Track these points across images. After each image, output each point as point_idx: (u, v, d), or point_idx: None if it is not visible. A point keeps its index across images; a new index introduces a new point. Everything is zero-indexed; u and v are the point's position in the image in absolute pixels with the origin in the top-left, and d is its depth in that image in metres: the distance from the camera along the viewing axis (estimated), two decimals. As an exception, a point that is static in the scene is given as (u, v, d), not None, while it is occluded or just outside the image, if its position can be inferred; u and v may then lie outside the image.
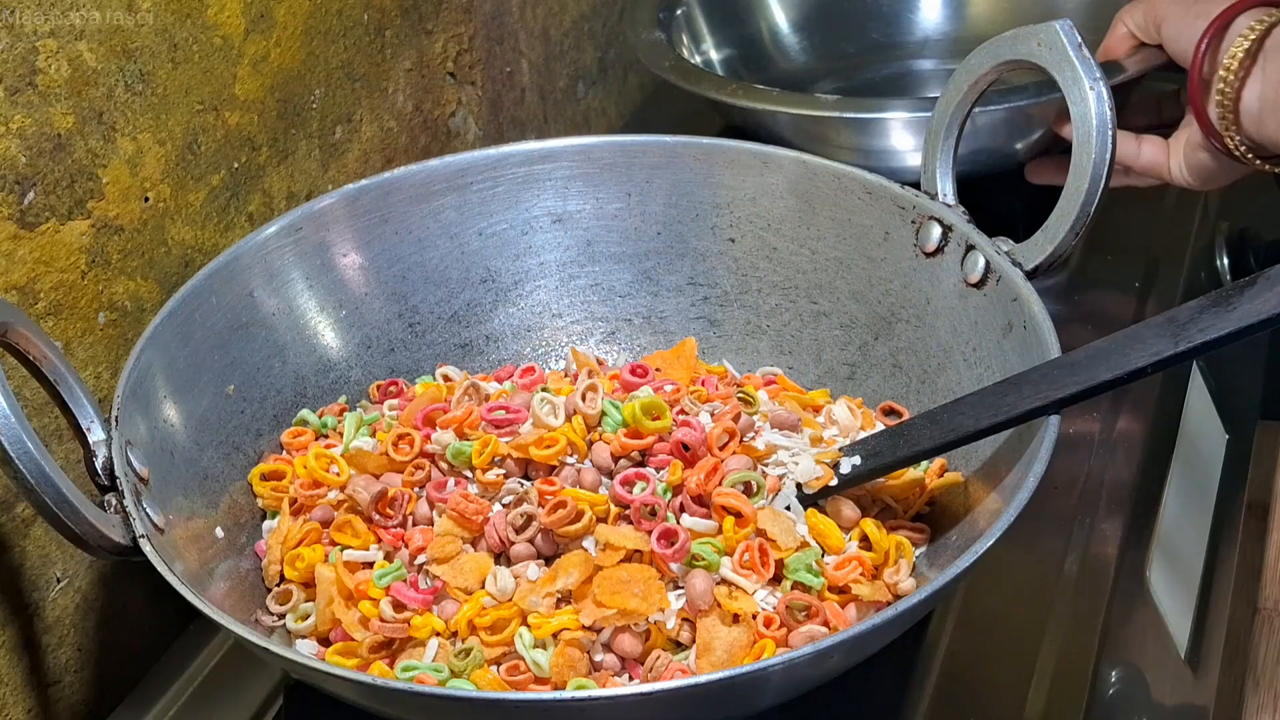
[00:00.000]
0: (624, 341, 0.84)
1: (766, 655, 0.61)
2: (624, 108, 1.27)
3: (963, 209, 0.75)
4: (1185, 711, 0.77)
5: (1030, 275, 0.70)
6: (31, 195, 0.68)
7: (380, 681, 0.57)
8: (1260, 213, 1.05)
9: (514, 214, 0.83)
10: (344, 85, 0.89)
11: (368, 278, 0.81)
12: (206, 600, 0.59)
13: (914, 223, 0.76)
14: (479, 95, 1.04)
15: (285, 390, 0.77)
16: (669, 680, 0.60)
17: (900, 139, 0.95)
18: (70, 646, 0.73)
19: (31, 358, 0.63)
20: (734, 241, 0.82)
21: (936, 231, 0.75)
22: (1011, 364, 0.68)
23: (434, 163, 0.82)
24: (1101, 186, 0.69)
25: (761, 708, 0.61)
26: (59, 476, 0.59)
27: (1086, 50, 0.69)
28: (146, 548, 0.61)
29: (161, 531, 0.64)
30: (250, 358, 0.76)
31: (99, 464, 0.64)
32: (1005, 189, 0.91)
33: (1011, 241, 0.72)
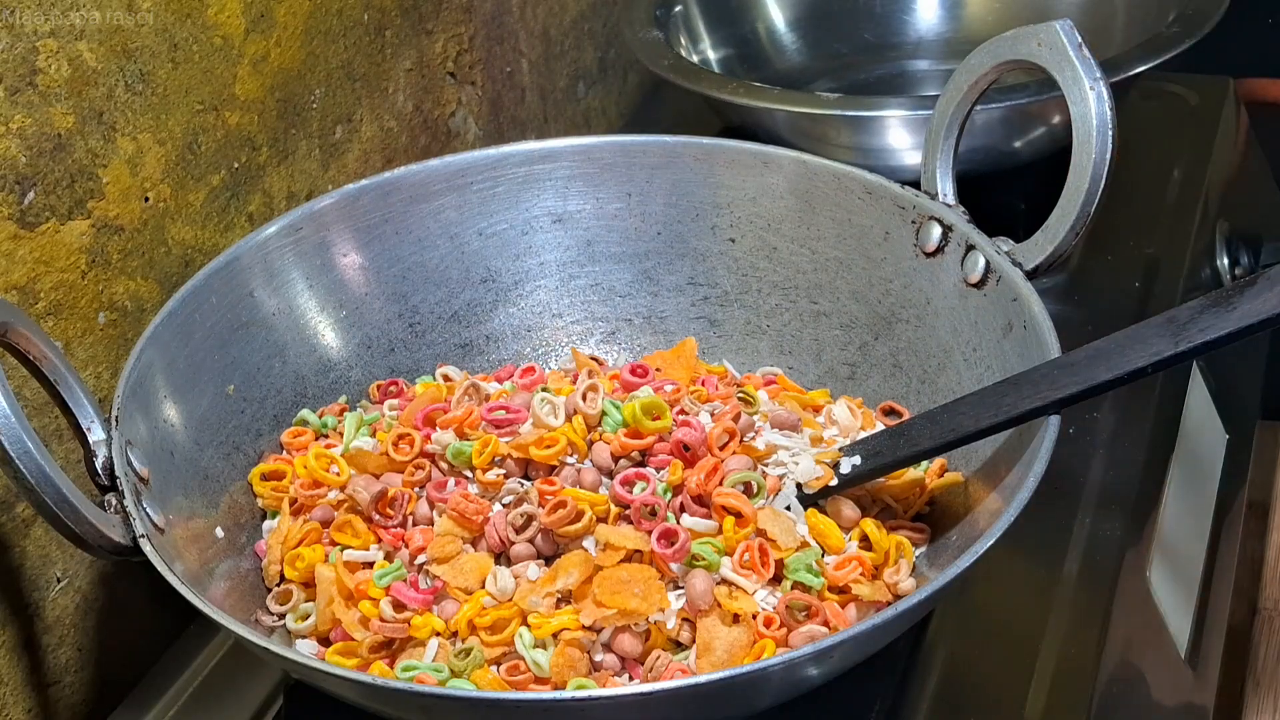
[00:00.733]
0: (624, 341, 0.84)
1: (766, 655, 0.61)
2: (624, 107, 1.27)
3: (963, 209, 0.75)
4: (1185, 711, 0.77)
5: (1030, 275, 0.70)
6: (31, 195, 0.68)
7: (380, 681, 0.57)
8: (1260, 213, 1.05)
9: (514, 214, 0.83)
10: (344, 85, 0.89)
11: (368, 278, 0.81)
12: (206, 600, 0.59)
13: (914, 223, 0.76)
14: (479, 95, 1.04)
15: (285, 390, 0.77)
16: (669, 680, 0.60)
17: (900, 138, 0.95)
18: (70, 646, 0.73)
19: (31, 358, 0.63)
20: (734, 241, 0.82)
21: (936, 231, 0.75)
22: (1011, 364, 0.68)
23: (434, 163, 0.82)
24: (1101, 186, 0.69)
25: (762, 708, 0.61)
26: (59, 476, 0.59)
27: (1087, 50, 0.69)
28: (146, 548, 0.61)
29: (161, 531, 0.64)
30: (250, 358, 0.76)
31: (99, 464, 0.64)
32: (1005, 189, 0.91)
33: (1011, 241, 0.72)
